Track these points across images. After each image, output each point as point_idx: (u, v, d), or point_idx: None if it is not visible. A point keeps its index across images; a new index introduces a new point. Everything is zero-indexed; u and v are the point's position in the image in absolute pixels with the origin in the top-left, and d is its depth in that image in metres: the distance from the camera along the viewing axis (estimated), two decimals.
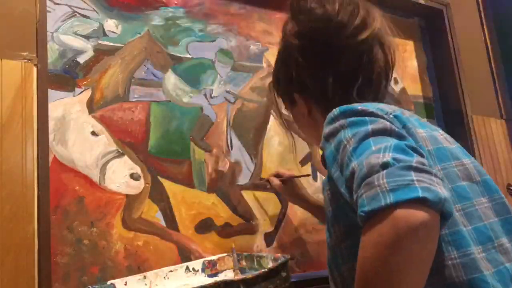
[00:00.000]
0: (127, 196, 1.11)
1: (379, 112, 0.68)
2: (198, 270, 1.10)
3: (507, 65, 2.05)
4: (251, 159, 1.33)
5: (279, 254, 1.05)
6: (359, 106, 0.70)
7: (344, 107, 0.71)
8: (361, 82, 0.80)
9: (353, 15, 0.79)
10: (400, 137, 0.63)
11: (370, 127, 0.63)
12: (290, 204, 1.35)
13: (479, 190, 0.70)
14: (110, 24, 1.20)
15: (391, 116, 0.69)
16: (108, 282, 0.97)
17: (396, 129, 0.65)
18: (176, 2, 1.32)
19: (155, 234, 1.13)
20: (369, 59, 0.80)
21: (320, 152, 1.16)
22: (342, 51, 0.79)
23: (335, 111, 0.71)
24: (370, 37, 0.79)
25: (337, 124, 0.69)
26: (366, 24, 0.79)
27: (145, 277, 1.02)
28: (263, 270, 0.91)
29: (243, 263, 1.12)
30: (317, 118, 0.86)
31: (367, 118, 0.66)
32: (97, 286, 0.94)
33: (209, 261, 1.12)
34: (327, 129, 0.71)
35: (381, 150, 0.58)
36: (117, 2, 1.22)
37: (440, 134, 0.75)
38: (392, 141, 0.60)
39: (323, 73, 0.81)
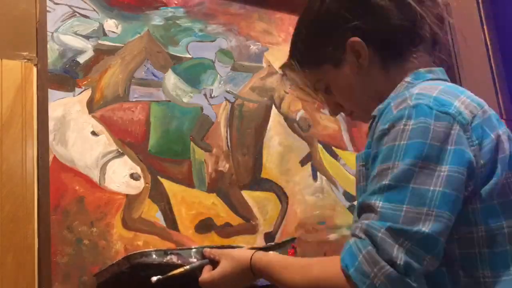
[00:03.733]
0: (127, 196, 1.11)
1: (459, 124, 0.64)
2: None
3: (507, 65, 2.05)
4: (251, 159, 1.33)
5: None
6: (439, 107, 0.65)
7: (421, 105, 0.64)
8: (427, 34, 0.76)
9: None
10: (451, 185, 0.62)
11: (418, 168, 0.62)
12: (290, 204, 1.35)
13: None
14: (110, 24, 1.20)
15: (470, 128, 0.65)
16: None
17: (452, 172, 0.62)
18: (176, 2, 1.32)
19: (155, 234, 1.12)
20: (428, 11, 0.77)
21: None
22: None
23: (410, 106, 0.65)
24: None
25: (401, 127, 0.64)
26: None
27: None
28: (270, 244, 0.91)
29: None
30: (370, 68, 0.78)
31: (427, 141, 0.63)
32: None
33: None
34: (390, 124, 0.65)
35: (403, 235, 0.60)
36: (117, 2, 1.22)
37: (506, 133, 0.72)
38: (425, 215, 0.61)
39: (400, 16, 0.75)
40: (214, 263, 0.87)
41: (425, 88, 0.69)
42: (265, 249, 0.91)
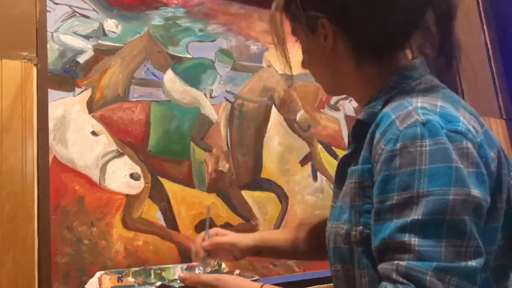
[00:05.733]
0: (127, 196, 1.11)
1: (471, 142, 0.59)
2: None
3: (507, 65, 2.05)
4: (251, 159, 1.33)
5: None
6: (449, 125, 0.59)
7: (432, 121, 0.58)
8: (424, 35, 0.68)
9: None
10: (476, 215, 0.57)
11: (451, 197, 0.55)
12: (290, 204, 1.35)
13: None
14: (110, 24, 1.20)
15: (477, 144, 0.60)
16: None
17: (478, 199, 0.57)
18: (176, 2, 1.32)
19: (155, 234, 1.13)
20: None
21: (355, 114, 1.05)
22: None
23: (420, 123, 0.58)
24: None
25: (417, 148, 0.57)
26: None
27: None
28: None
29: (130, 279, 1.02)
30: (341, 58, 0.71)
31: (453, 163, 0.57)
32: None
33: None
34: (401, 143, 0.58)
35: (450, 273, 0.54)
36: (117, 2, 1.22)
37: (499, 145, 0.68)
38: (466, 249, 0.56)
39: (382, 8, 0.66)
40: None
41: (425, 100, 0.63)
42: None
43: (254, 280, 0.83)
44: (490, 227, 0.61)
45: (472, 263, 0.55)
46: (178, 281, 0.93)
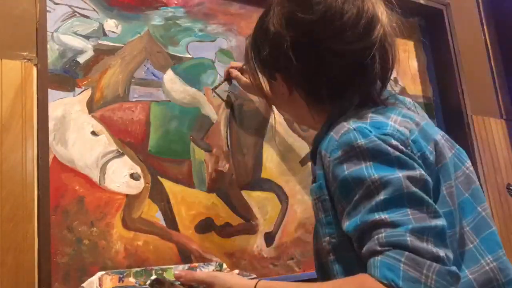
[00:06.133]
0: (127, 196, 1.11)
1: (399, 141, 0.67)
2: None
3: (507, 65, 2.05)
4: (251, 159, 1.33)
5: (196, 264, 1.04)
6: (377, 130, 0.68)
7: (361, 126, 0.68)
8: (358, 86, 0.77)
9: (357, 16, 0.74)
10: (426, 190, 0.65)
11: (401, 175, 0.64)
12: (290, 204, 1.35)
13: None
14: (110, 24, 1.20)
15: (410, 142, 0.69)
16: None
17: (424, 176, 0.66)
18: (176, 2, 1.32)
19: (155, 234, 1.13)
20: (369, 64, 0.75)
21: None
22: (341, 55, 0.74)
23: (351, 129, 0.68)
24: (372, 43, 0.74)
25: (356, 150, 0.66)
26: (370, 29, 0.74)
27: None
28: None
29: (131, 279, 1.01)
30: (298, 100, 0.82)
31: (391, 154, 0.66)
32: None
33: None
34: (341, 150, 0.68)
35: (424, 232, 0.61)
36: (117, 2, 1.22)
37: (442, 139, 0.76)
38: (428, 213, 0.63)
39: (315, 75, 0.77)
40: None
41: (357, 117, 0.72)
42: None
43: (252, 279, 0.84)
44: (443, 212, 0.67)
45: (439, 222, 0.62)
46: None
